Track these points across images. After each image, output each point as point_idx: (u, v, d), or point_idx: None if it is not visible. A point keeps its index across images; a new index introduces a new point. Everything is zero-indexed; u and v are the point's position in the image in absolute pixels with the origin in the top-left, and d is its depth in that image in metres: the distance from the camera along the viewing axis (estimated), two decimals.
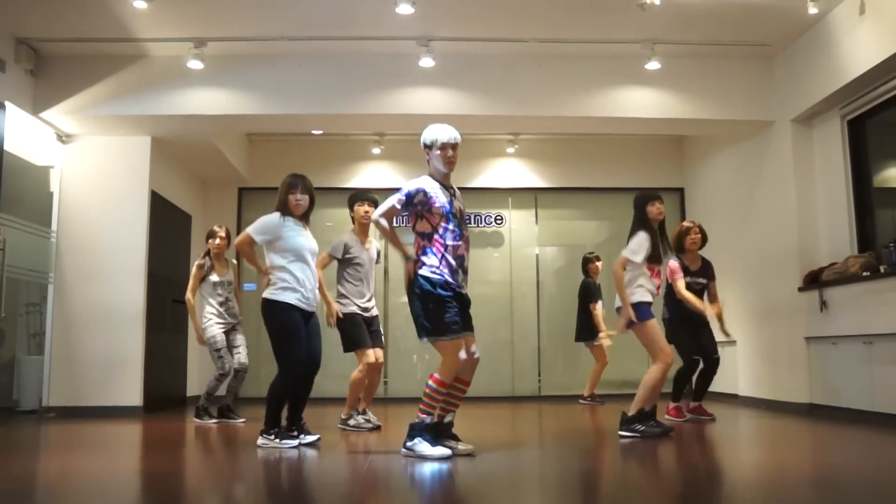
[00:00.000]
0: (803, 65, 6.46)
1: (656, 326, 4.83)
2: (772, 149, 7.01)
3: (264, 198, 9.17)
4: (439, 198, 3.97)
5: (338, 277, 5.40)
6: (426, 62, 6.55)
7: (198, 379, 8.44)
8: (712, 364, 5.91)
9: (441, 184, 4.04)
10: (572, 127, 7.85)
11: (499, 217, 9.19)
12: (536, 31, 6.45)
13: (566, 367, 8.84)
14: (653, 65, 6.61)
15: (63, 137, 7.04)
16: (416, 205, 3.96)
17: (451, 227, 3.96)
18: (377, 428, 5.36)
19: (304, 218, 4.53)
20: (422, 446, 3.87)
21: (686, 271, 5.82)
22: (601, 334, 7.35)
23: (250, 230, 4.44)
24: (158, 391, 7.16)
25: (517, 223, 9.23)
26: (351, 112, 6.86)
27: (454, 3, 6.02)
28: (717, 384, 8.05)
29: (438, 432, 3.99)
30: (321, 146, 9.04)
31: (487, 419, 6.33)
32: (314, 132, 8.61)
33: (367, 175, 8.99)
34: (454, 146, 4.05)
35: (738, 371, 7.59)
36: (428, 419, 3.93)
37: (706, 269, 5.97)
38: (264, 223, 4.43)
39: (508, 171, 9.19)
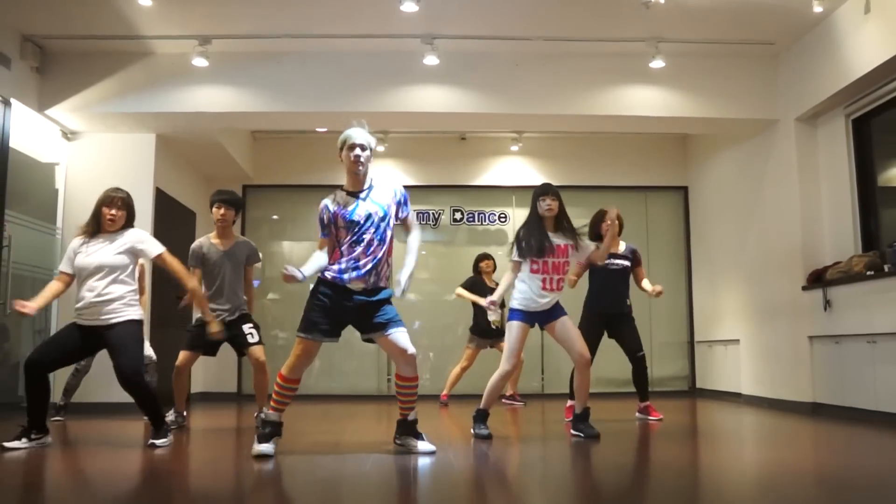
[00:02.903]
0: (808, 63, 6.45)
1: (515, 329, 4.72)
2: (776, 147, 7.00)
3: (268, 195, 9.24)
4: (340, 207, 3.94)
5: None
6: (430, 60, 6.55)
7: (202, 376, 8.47)
8: (637, 362, 5.75)
9: (348, 192, 4.00)
10: (576, 125, 7.85)
11: (503, 215, 9.21)
12: (541, 29, 6.45)
13: (570, 365, 8.84)
14: (657, 63, 6.60)
15: (68, 134, 7.06)
16: (329, 224, 3.95)
17: (350, 235, 3.90)
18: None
19: (119, 228, 4.41)
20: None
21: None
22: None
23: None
24: (162, 388, 7.16)
25: (521, 221, 9.14)
26: (355, 110, 6.84)
27: (458, 1, 6.02)
28: (721, 382, 8.09)
29: (402, 430, 4.09)
30: (325, 144, 9.00)
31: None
32: (318, 130, 8.61)
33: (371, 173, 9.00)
34: (362, 146, 3.97)
35: (741, 369, 7.59)
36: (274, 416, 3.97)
37: (631, 254, 5.84)
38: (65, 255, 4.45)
39: (512, 169, 9.20)
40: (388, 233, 4.00)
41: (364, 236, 3.90)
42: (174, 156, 7.66)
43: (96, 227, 4.38)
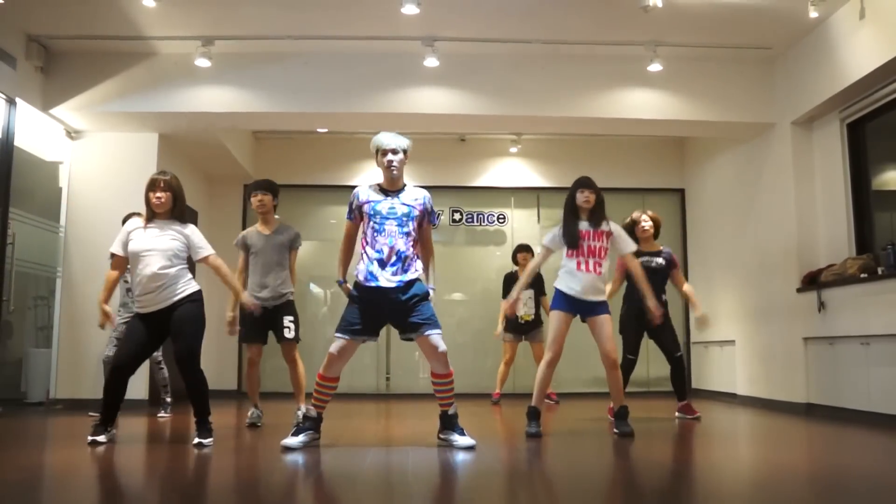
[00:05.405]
0: (804, 68, 6.52)
1: (554, 318, 4.78)
2: (772, 151, 7.07)
3: None
4: (369, 198, 4.14)
5: None
6: (431, 62, 6.62)
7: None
8: (675, 362, 5.84)
9: (382, 188, 4.19)
10: (575, 127, 7.92)
11: (501, 216, 9.27)
12: (540, 32, 6.51)
13: (567, 364, 8.89)
14: (655, 67, 6.67)
15: (72, 133, 7.12)
16: (355, 210, 4.18)
17: (372, 224, 4.11)
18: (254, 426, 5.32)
19: (169, 216, 4.38)
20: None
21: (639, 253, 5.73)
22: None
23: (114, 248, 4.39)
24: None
25: (519, 222, 9.30)
26: (356, 111, 6.93)
27: (459, 4, 6.09)
28: (716, 383, 8.15)
29: (443, 423, 4.24)
30: (326, 144, 9.12)
31: (487, 415, 6.40)
32: (319, 130, 8.69)
33: (372, 173, 9.02)
34: (394, 150, 4.13)
35: (736, 370, 7.66)
36: (312, 412, 4.21)
37: (667, 256, 5.91)
38: (117, 238, 4.39)
39: (511, 170, 9.27)
40: (412, 227, 4.15)
41: (386, 226, 4.09)
42: (176, 155, 7.72)
43: (150, 214, 4.38)
